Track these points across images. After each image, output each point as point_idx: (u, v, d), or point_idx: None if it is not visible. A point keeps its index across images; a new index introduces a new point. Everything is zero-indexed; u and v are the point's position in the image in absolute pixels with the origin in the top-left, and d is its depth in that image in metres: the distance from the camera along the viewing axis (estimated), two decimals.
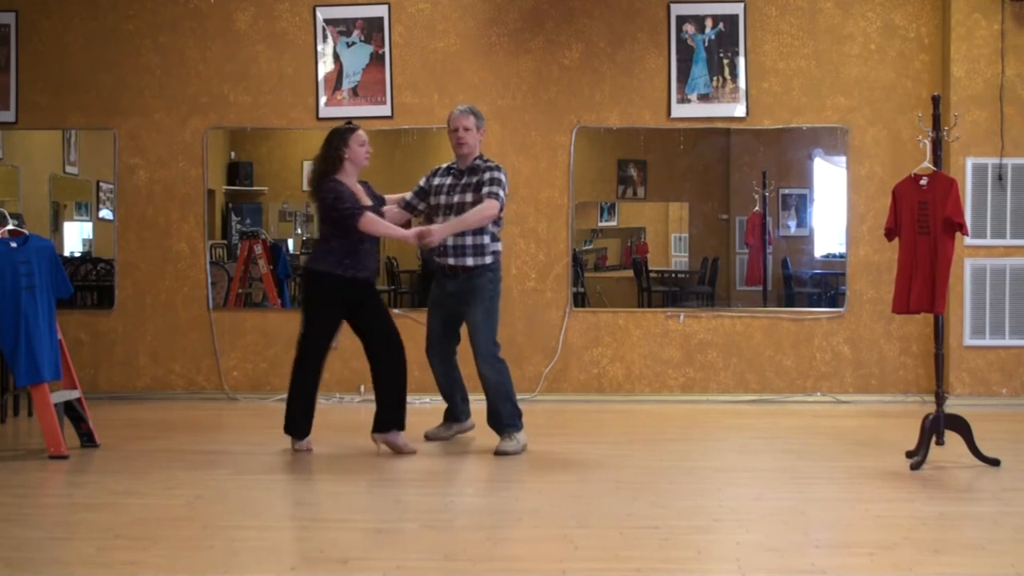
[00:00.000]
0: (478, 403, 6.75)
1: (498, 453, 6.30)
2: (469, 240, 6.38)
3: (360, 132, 6.35)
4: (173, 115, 8.96)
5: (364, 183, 6.48)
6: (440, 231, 6.27)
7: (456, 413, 6.87)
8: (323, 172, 6.29)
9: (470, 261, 6.40)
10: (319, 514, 5.12)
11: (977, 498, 5.40)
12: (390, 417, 6.31)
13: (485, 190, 6.33)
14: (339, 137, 6.29)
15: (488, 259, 6.43)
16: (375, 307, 6.42)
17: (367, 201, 6.33)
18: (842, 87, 8.76)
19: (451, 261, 6.43)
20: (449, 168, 6.58)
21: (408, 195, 6.67)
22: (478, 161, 6.49)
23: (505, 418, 6.41)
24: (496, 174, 6.40)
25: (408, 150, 9.15)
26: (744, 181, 9.40)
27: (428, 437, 6.82)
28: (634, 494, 5.24)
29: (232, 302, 9.19)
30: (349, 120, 6.70)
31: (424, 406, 8.54)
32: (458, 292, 6.49)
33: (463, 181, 6.45)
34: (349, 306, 6.35)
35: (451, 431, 6.88)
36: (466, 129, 6.43)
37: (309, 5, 8.88)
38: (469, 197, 6.39)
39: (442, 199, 6.48)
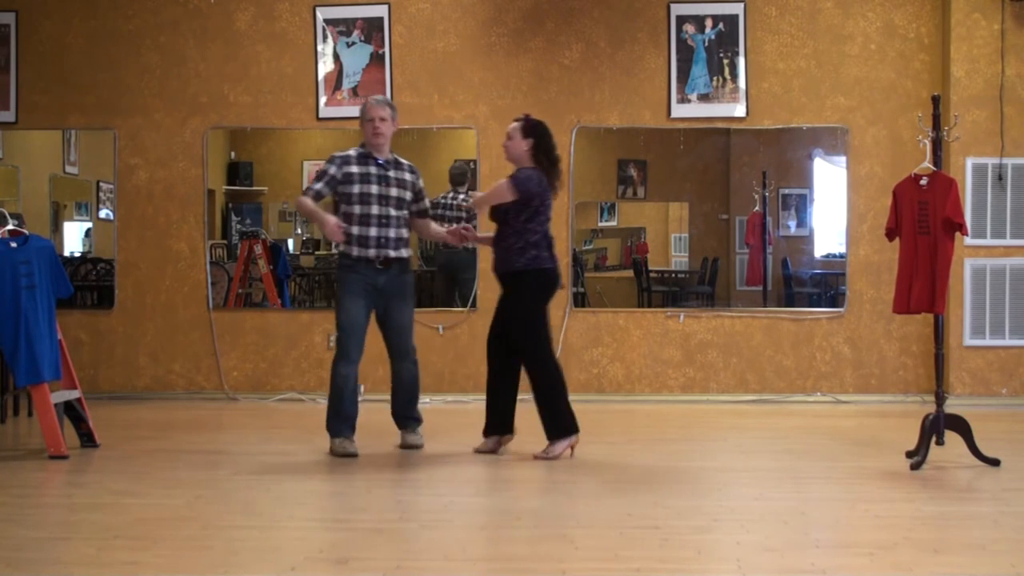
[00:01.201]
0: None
1: (414, 446, 6.44)
2: (404, 234, 6.43)
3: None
4: (173, 115, 8.96)
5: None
6: (479, 238, 6.70)
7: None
8: None
9: (405, 253, 6.45)
10: (319, 514, 5.12)
11: (977, 498, 5.40)
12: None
13: (427, 203, 6.61)
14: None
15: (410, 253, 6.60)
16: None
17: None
18: (842, 87, 8.76)
19: (392, 253, 6.35)
20: (364, 157, 6.40)
21: (318, 186, 6.37)
22: (396, 156, 6.53)
23: (419, 412, 6.61)
24: (422, 183, 6.63)
25: (408, 150, 9.11)
26: (744, 181, 9.40)
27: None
28: (634, 494, 5.24)
29: (232, 302, 9.19)
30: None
31: (424, 406, 8.54)
32: (390, 287, 6.39)
33: (392, 175, 6.40)
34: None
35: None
36: (382, 119, 6.39)
37: (309, 5, 8.88)
38: (407, 195, 6.44)
39: (373, 188, 6.32)
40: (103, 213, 9.52)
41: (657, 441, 6.93)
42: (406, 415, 6.57)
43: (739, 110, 8.75)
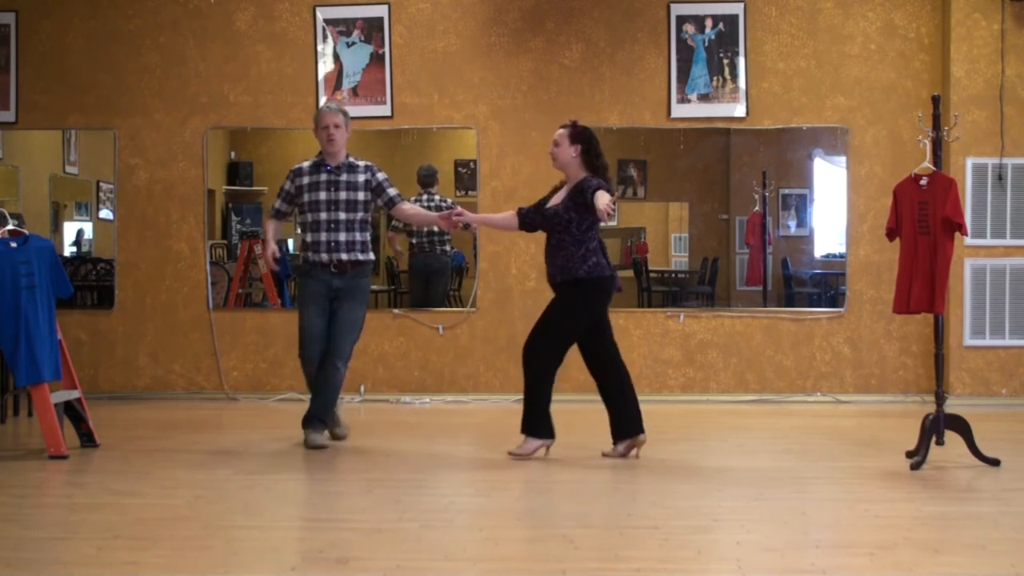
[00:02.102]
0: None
1: (320, 446, 6.40)
2: (358, 236, 6.49)
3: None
4: (173, 115, 8.96)
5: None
6: (473, 217, 6.60)
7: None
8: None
9: (361, 256, 6.50)
10: (319, 514, 5.12)
11: (977, 498, 5.40)
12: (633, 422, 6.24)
13: (392, 192, 6.60)
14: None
15: (372, 256, 6.64)
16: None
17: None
18: (842, 87, 8.76)
19: (344, 256, 6.45)
20: (317, 165, 6.57)
21: (277, 203, 6.72)
22: (352, 159, 6.58)
23: (332, 415, 6.60)
24: (386, 174, 6.65)
25: (408, 150, 9.16)
26: (744, 181, 9.40)
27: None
28: (634, 494, 5.24)
29: (232, 302, 9.19)
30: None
31: (424, 407, 8.54)
32: (343, 289, 6.49)
33: (343, 178, 6.51)
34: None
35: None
36: (336, 126, 6.51)
37: (309, 5, 8.87)
38: (360, 196, 6.49)
39: (322, 195, 6.48)
40: (103, 213, 9.52)
41: (657, 441, 6.93)
42: (317, 414, 6.48)
43: (739, 110, 8.74)
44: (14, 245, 6.24)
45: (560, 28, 8.83)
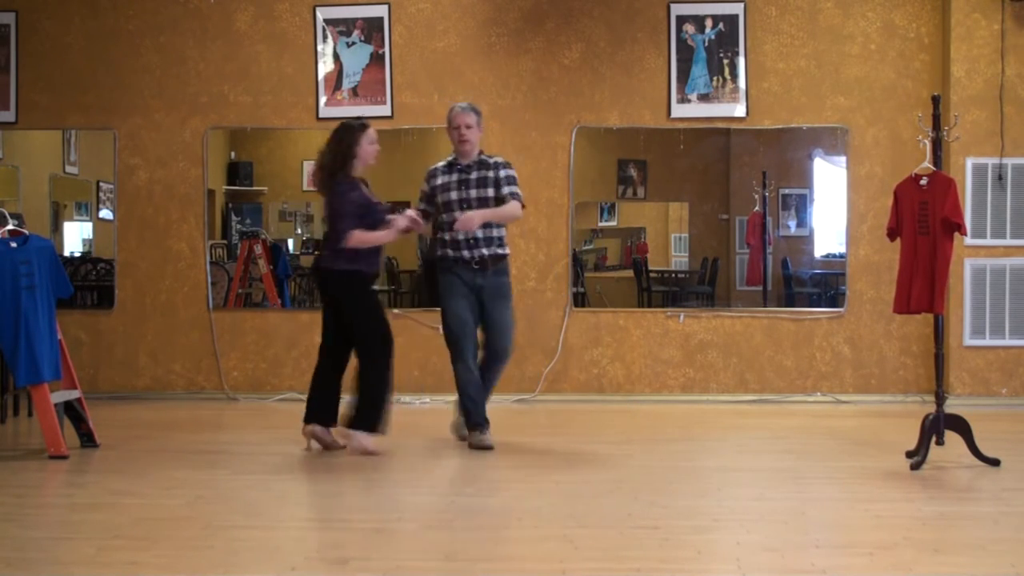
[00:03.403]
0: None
1: (484, 447, 6.39)
2: (495, 232, 6.52)
3: (371, 130, 6.37)
4: (173, 115, 8.96)
5: (363, 181, 6.48)
6: (480, 215, 6.36)
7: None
8: (333, 170, 6.26)
9: (500, 251, 6.53)
10: (319, 514, 5.12)
11: (977, 498, 5.40)
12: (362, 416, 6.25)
13: (506, 190, 6.47)
14: (351, 134, 6.29)
15: (508, 250, 6.65)
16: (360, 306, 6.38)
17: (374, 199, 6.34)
18: (842, 87, 8.76)
19: (485, 252, 6.48)
20: (450, 165, 6.60)
21: (421, 206, 6.65)
22: (484, 157, 6.58)
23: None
24: (512, 172, 6.57)
25: (408, 150, 9.16)
26: (744, 181, 9.40)
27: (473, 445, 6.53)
28: (634, 494, 5.24)
29: (232, 302, 9.19)
30: (359, 117, 6.76)
31: (424, 407, 8.54)
32: (487, 286, 6.51)
33: (473, 176, 6.51)
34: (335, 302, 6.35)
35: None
36: (467, 127, 6.52)
37: (309, 5, 8.88)
38: (489, 192, 6.47)
39: (453, 195, 6.51)
40: (103, 213, 9.52)
41: (657, 441, 6.93)
42: (478, 416, 6.51)
43: (739, 110, 8.74)
44: (14, 245, 6.24)
45: (560, 28, 8.83)
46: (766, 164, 9.26)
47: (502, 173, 6.52)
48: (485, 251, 6.48)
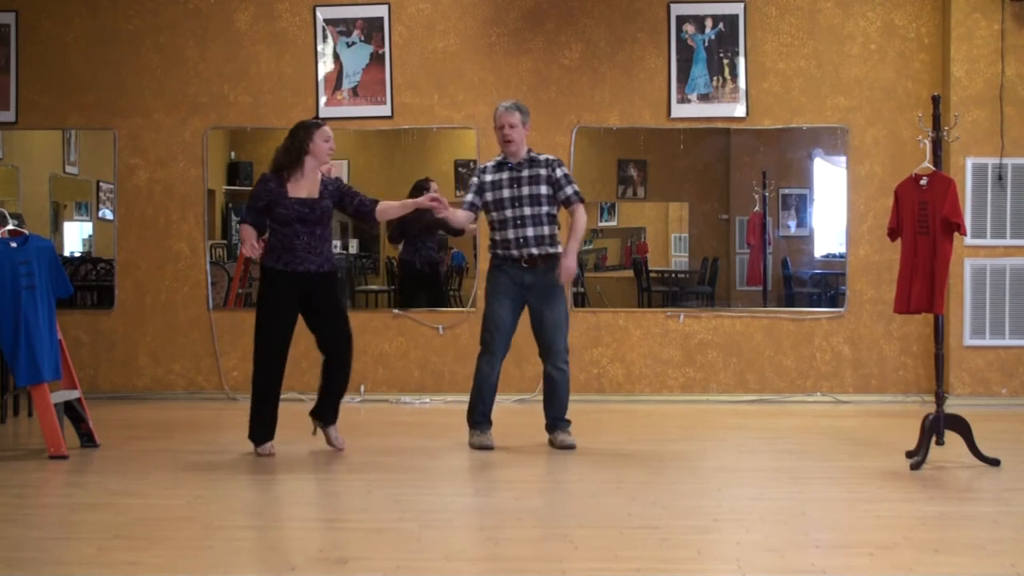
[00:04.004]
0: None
1: (484, 447, 6.44)
2: (546, 230, 6.50)
3: (326, 128, 6.42)
4: (173, 115, 8.96)
5: (336, 179, 6.53)
6: (572, 255, 6.38)
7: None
8: (281, 165, 6.37)
9: (550, 249, 6.50)
10: (319, 514, 5.12)
11: (977, 498, 5.40)
12: (327, 411, 6.45)
13: (569, 190, 6.49)
14: (305, 131, 6.37)
15: (560, 248, 6.55)
16: (327, 302, 6.37)
17: (305, 194, 6.33)
18: (842, 87, 8.76)
19: (535, 251, 6.46)
20: (500, 164, 6.60)
21: (468, 197, 6.61)
22: (533, 154, 6.59)
23: (566, 412, 6.57)
24: (566, 170, 6.59)
25: (408, 150, 9.15)
26: (744, 181, 9.40)
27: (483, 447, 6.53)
28: (634, 494, 5.24)
29: (232, 302, 9.18)
30: (317, 116, 6.79)
31: (424, 406, 8.54)
32: (536, 286, 6.49)
33: (524, 174, 6.52)
34: (299, 301, 6.34)
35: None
36: (511, 126, 6.52)
37: (309, 5, 8.88)
38: (542, 189, 6.47)
39: (505, 193, 6.50)
40: (103, 213, 9.52)
41: (657, 441, 6.93)
42: (556, 415, 6.55)
43: (739, 110, 8.74)
44: (14, 245, 6.24)
45: (560, 28, 8.83)
46: (766, 164, 9.26)
47: (558, 172, 6.52)
48: (535, 250, 6.46)
